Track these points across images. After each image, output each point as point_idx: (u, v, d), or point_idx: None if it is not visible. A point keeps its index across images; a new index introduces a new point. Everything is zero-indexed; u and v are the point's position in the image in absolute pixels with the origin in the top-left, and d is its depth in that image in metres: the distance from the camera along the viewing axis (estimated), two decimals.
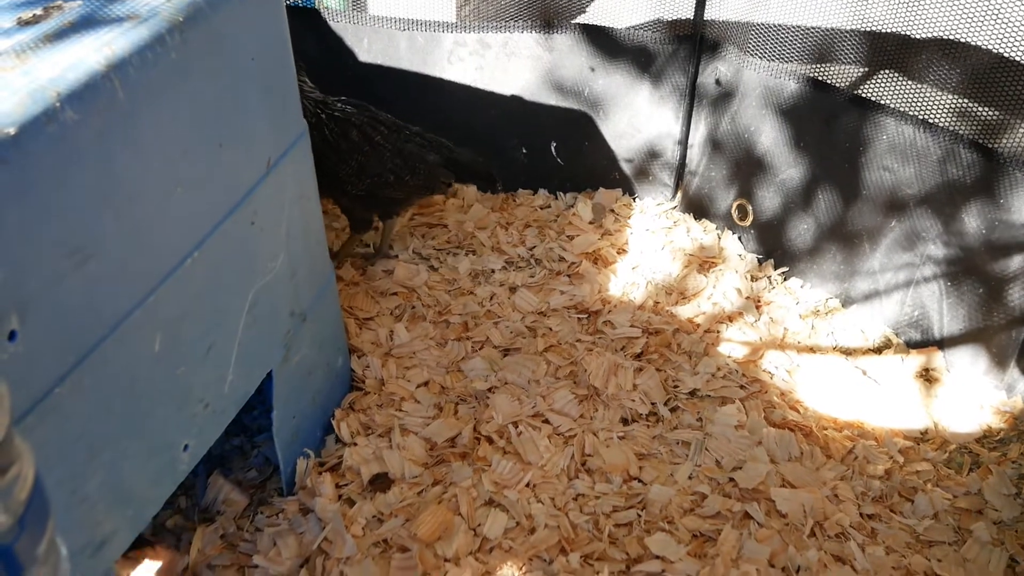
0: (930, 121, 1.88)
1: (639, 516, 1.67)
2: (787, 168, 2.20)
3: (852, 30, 2.01)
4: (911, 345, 2.09)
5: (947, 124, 1.87)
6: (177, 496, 1.72)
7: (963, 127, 1.85)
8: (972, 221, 1.87)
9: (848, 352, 2.10)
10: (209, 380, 1.38)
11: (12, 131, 0.91)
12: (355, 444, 1.79)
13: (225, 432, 1.49)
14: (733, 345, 2.10)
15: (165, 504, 1.47)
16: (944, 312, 2.01)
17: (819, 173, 2.14)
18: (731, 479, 1.76)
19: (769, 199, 2.28)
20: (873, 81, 2.01)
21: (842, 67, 2.06)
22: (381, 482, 1.73)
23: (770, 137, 2.21)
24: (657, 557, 1.59)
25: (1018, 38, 1.70)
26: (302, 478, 1.72)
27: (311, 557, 1.59)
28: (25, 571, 0.70)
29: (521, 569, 1.57)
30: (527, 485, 1.72)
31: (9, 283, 0.93)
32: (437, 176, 2.24)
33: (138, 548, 1.56)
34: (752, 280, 2.30)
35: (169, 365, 1.26)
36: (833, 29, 2.04)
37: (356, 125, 2.08)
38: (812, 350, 2.10)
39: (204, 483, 1.72)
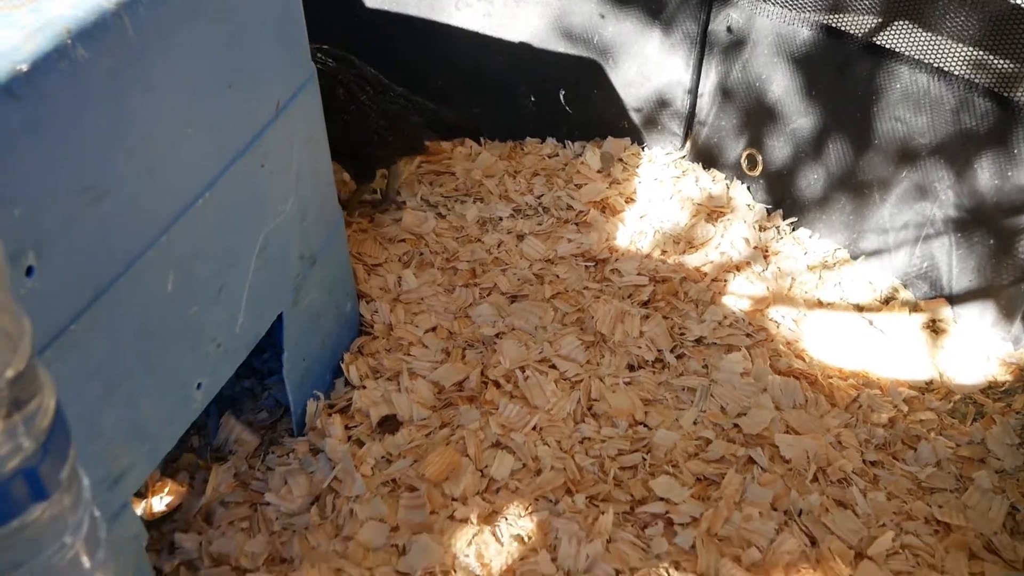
0: (945, 70, 1.87)
1: (644, 459, 1.70)
2: (798, 117, 2.19)
3: None
4: (919, 296, 2.10)
5: (962, 73, 1.85)
6: (190, 435, 1.75)
7: (978, 76, 1.83)
8: (985, 172, 1.86)
9: (855, 302, 2.11)
10: (221, 320, 1.39)
11: (25, 67, 0.91)
12: (364, 387, 1.81)
13: (236, 374, 1.51)
14: (740, 294, 2.11)
15: (179, 443, 1.50)
16: (953, 264, 2.01)
17: (830, 122, 2.13)
18: (735, 425, 1.78)
19: (779, 149, 2.27)
20: (888, 29, 1.98)
21: (856, 15, 2.03)
22: (390, 424, 1.75)
23: (781, 86, 2.19)
24: (661, 499, 1.62)
25: None
26: (312, 419, 1.74)
27: (321, 495, 1.62)
28: (50, 495, 0.72)
29: (527, 509, 1.60)
30: (534, 428, 1.74)
31: (25, 219, 0.94)
32: (420, 138, 2.25)
33: (154, 483, 1.60)
34: (760, 230, 2.30)
35: (182, 305, 1.27)
36: None
37: (343, 83, 2.06)
38: (819, 300, 2.11)
39: (216, 423, 1.75)
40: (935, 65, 1.88)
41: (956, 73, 1.86)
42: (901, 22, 1.95)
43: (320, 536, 1.55)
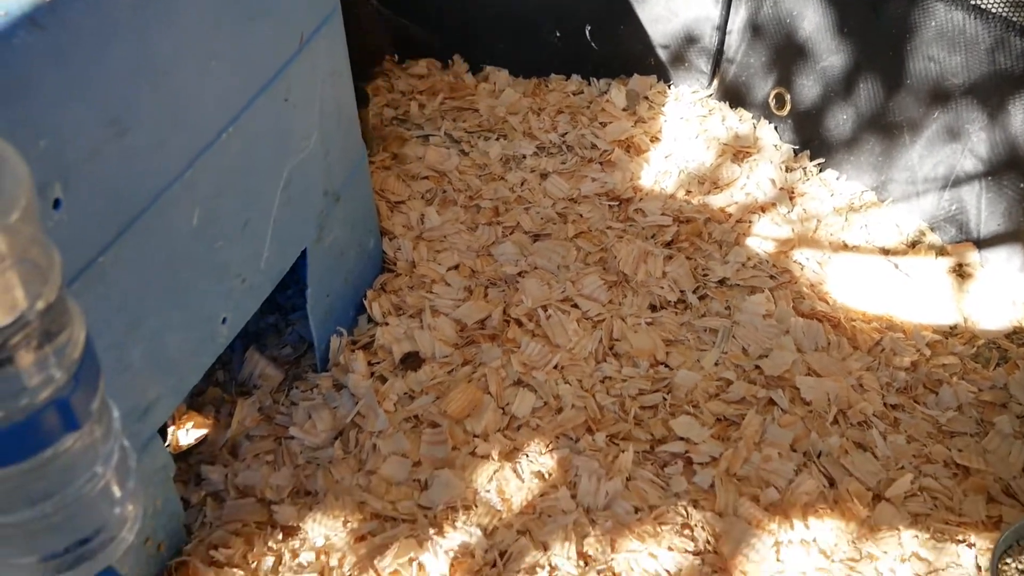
0: (982, 7, 1.81)
1: (664, 399, 1.71)
2: (829, 56, 2.14)
3: None
4: (946, 240, 2.07)
5: (1000, 11, 1.80)
6: (215, 370, 1.77)
7: (1016, 15, 1.78)
8: (1018, 114, 1.82)
9: (881, 245, 2.08)
10: (246, 256, 1.40)
11: None
12: (387, 324, 1.82)
13: (260, 310, 1.52)
14: (764, 235, 2.09)
15: (204, 377, 1.51)
16: (983, 207, 1.98)
17: (862, 61, 2.08)
18: (757, 366, 1.78)
19: (808, 88, 2.22)
20: None
21: None
22: (412, 361, 1.77)
23: (813, 23, 2.14)
24: (681, 439, 1.63)
25: None
26: (335, 355, 1.76)
27: (345, 430, 1.64)
28: (81, 425, 0.73)
29: (548, 446, 1.61)
30: (555, 367, 1.75)
31: (51, 151, 0.93)
32: (383, 52, 2.19)
33: (180, 417, 1.62)
34: (787, 171, 2.26)
35: (207, 239, 1.27)
36: None
37: None
38: (844, 242, 2.09)
39: (241, 358, 1.77)
40: (972, 3, 1.83)
41: (993, 11, 1.80)
42: None
43: (343, 470, 1.57)
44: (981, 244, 2.01)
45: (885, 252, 2.06)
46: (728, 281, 1.98)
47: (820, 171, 2.27)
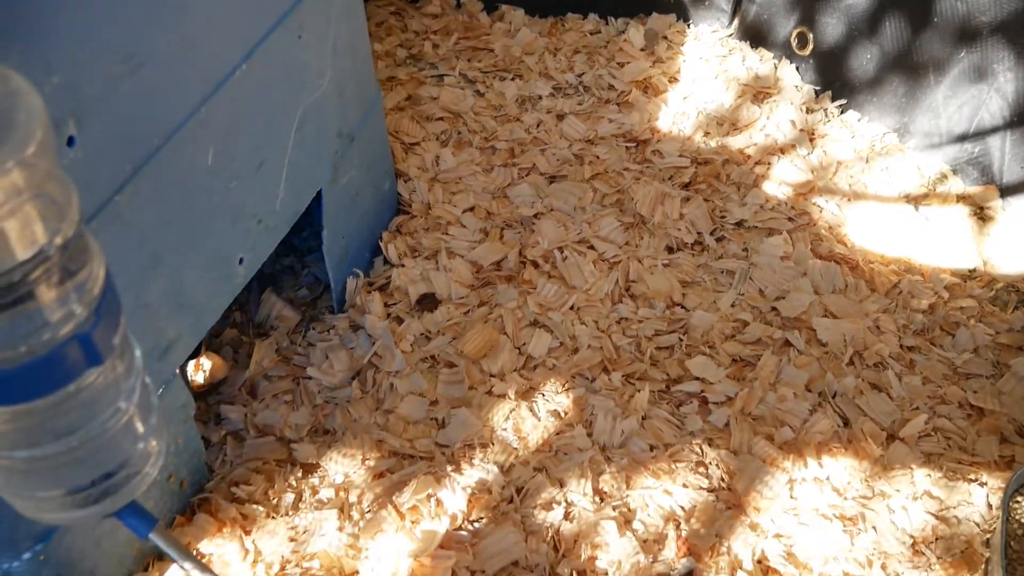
0: None
1: (680, 340, 1.71)
2: None
3: None
4: (968, 183, 2.04)
5: None
6: (232, 311, 1.78)
7: None
8: None
9: (902, 188, 2.06)
10: (261, 196, 1.40)
11: None
12: (403, 265, 1.82)
13: (276, 252, 1.53)
14: (783, 177, 2.07)
15: (222, 318, 1.53)
16: (1007, 150, 1.95)
17: None
18: (773, 308, 1.77)
19: (832, 26, 2.18)
20: None
21: None
22: (428, 302, 1.77)
23: None
24: (697, 378, 1.64)
25: None
26: (352, 297, 1.77)
27: (362, 370, 1.65)
28: (104, 360, 0.74)
29: (564, 386, 1.62)
30: (571, 308, 1.75)
31: (64, 88, 0.93)
32: None
33: (199, 356, 1.64)
34: (807, 112, 2.23)
35: (223, 179, 1.27)
36: None
37: None
38: (865, 185, 2.07)
39: (257, 299, 1.78)
40: None
41: None
42: None
43: (361, 409, 1.59)
44: (1004, 187, 1.98)
45: (906, 194, 2.04)
46: (746, 223, 1.96)
47: (841, 112, 2.24)
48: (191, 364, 1.61)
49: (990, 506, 1.48)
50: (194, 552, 1.37)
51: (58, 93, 0.92)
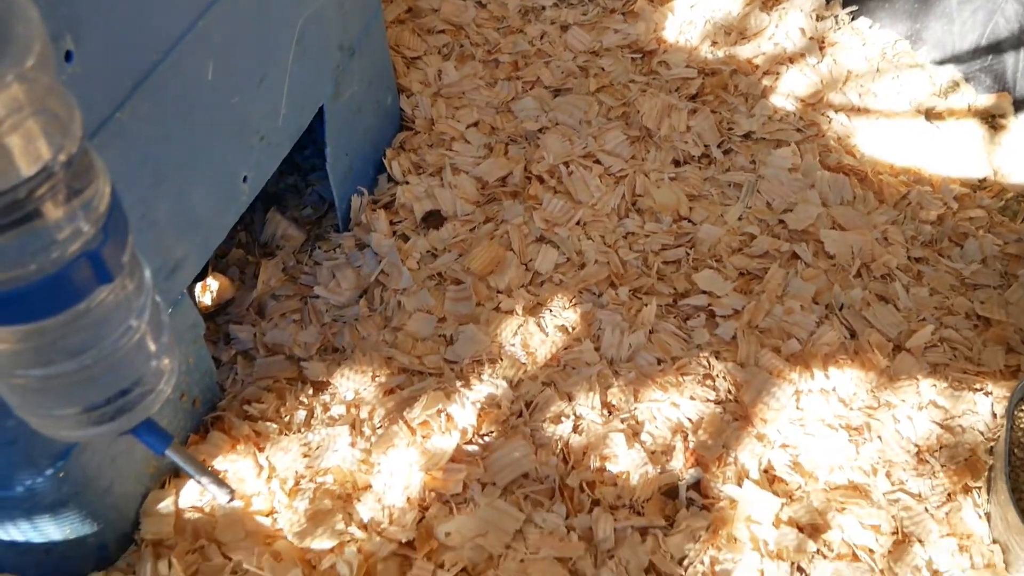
0: None
1: (687, 254, 1.70)
2: None
3: None
4: (981, 91, 2.00)
5: None
6: (237, 231, 1.77)
7: None
8: None
9: (912, 97, 2.02)
10: (263, 112, 1.37)
11: None
12: (407, 183, 1.81)
13: (279, 171, 1.51)
14: (792, 87, 2.03)
15: (227, 239, 1.52)
16: (1020, 57, 1.91)
17: None
18: (781, 220, 1.76)
19: None
20: None
21: None
22: (434, 219, 1.76)
23: None
24: (704, 292, 1.64)
25: None
26: (356, 215, 1.75)
27: (369, 288, 1.66)
28: (114, 278, 0.74)
29: (571, 301, 1.62)
30: (577, 223, 1.74)
31: (61, 1, 0.90)
32: None
33: (206, 277, 1.64)
34: (817, 20, 2.18)
35: (224, 94, 1.25)
36: None
37: None
38: (875, 94, 2.03)
39: (262, 219, 1.77)
40: None
41: None
42: None
43: (370, 327, 1.60)
44: (1017, 95, 1.95)
45: (917, 104, 2.01)
46: (754, 135, 1.94)
47: (852, 19, 2.18)
48: (198, 286, 1.61)
49: (994, 415, 1.49)
50: (209, 468, 1.39)
51: (54, 6, 0.89)
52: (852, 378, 1.52)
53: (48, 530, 1.17)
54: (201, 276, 1.62)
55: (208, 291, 1.62)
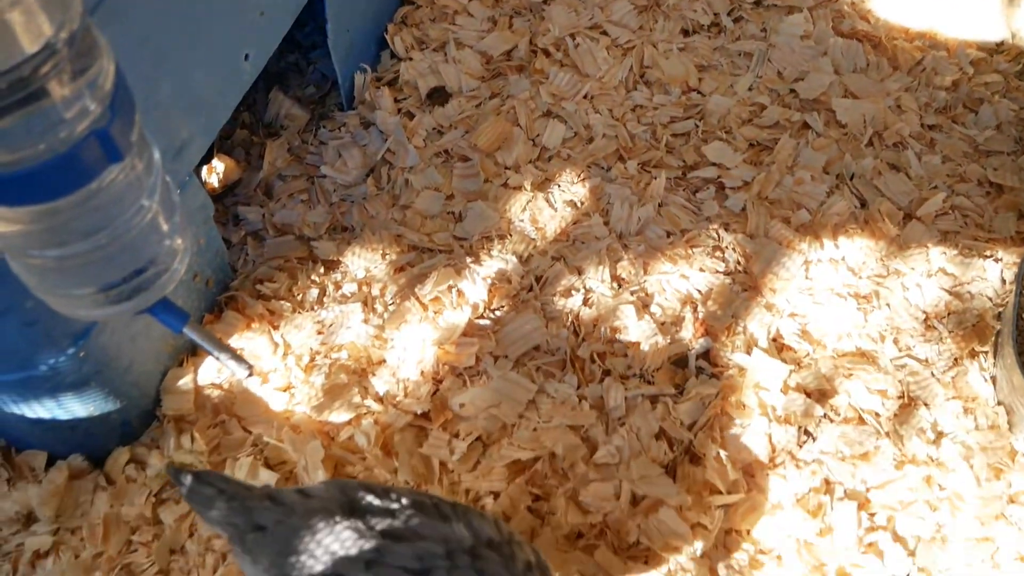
0: None
1: (697, 126, 1.68)
2: None
3: None
4: None
5: None
6: (241, 112, 1.75)
7: None
8: None
9: None
10: None
11: None
12: (410, 59, 1.77)
13: (280, 49, 1.48)
14: None
15: (231, 120, 1.50)
16: None
17: None
18: (792, 90, 1.73)
19: None
20: None
21: None
22: (439, 95, 1.73)
23: None
24: (713, 164, 1.63)
25: None
26: (360, 92, 1.73)
27: (376, 167, 1.65)
28: (123, 156, 0.74)
29: (580, 176, 1.61)
30: (585, 96, 1.72)
31: None
32: None
33: (211, 159, 1.63)
34: None
35: None
36: None
37: None
38: None
39: (265, 99, 1.74)
40: None
41: None
42: None
43: (378, 206, 1.60)
44: None
45: None
46: (765, 1, 1.88)
47: None
48: (204, 168, 1.61)
49: (1003, 281, 1.50)
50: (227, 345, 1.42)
51: None
52: (862, 247, 1.53)
53: (72, 407, 1.21)
54: (207, 159, 1.61)
55: (214, 172, 1.62)
